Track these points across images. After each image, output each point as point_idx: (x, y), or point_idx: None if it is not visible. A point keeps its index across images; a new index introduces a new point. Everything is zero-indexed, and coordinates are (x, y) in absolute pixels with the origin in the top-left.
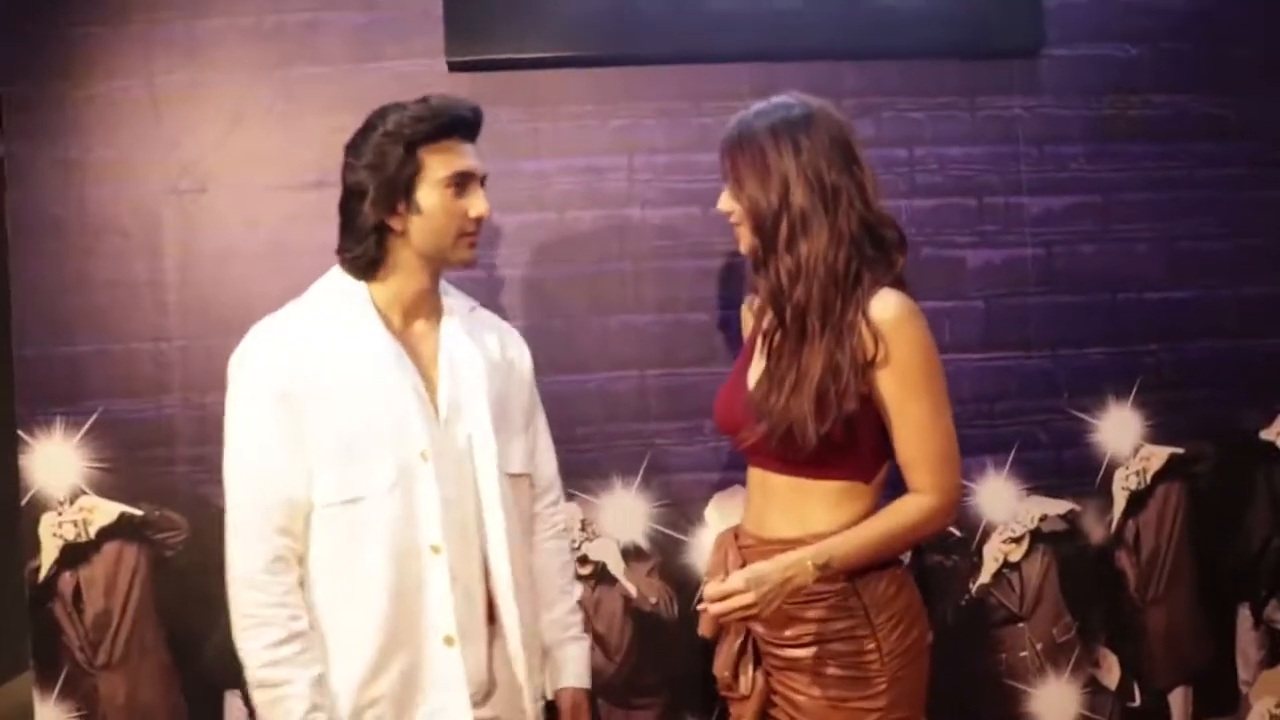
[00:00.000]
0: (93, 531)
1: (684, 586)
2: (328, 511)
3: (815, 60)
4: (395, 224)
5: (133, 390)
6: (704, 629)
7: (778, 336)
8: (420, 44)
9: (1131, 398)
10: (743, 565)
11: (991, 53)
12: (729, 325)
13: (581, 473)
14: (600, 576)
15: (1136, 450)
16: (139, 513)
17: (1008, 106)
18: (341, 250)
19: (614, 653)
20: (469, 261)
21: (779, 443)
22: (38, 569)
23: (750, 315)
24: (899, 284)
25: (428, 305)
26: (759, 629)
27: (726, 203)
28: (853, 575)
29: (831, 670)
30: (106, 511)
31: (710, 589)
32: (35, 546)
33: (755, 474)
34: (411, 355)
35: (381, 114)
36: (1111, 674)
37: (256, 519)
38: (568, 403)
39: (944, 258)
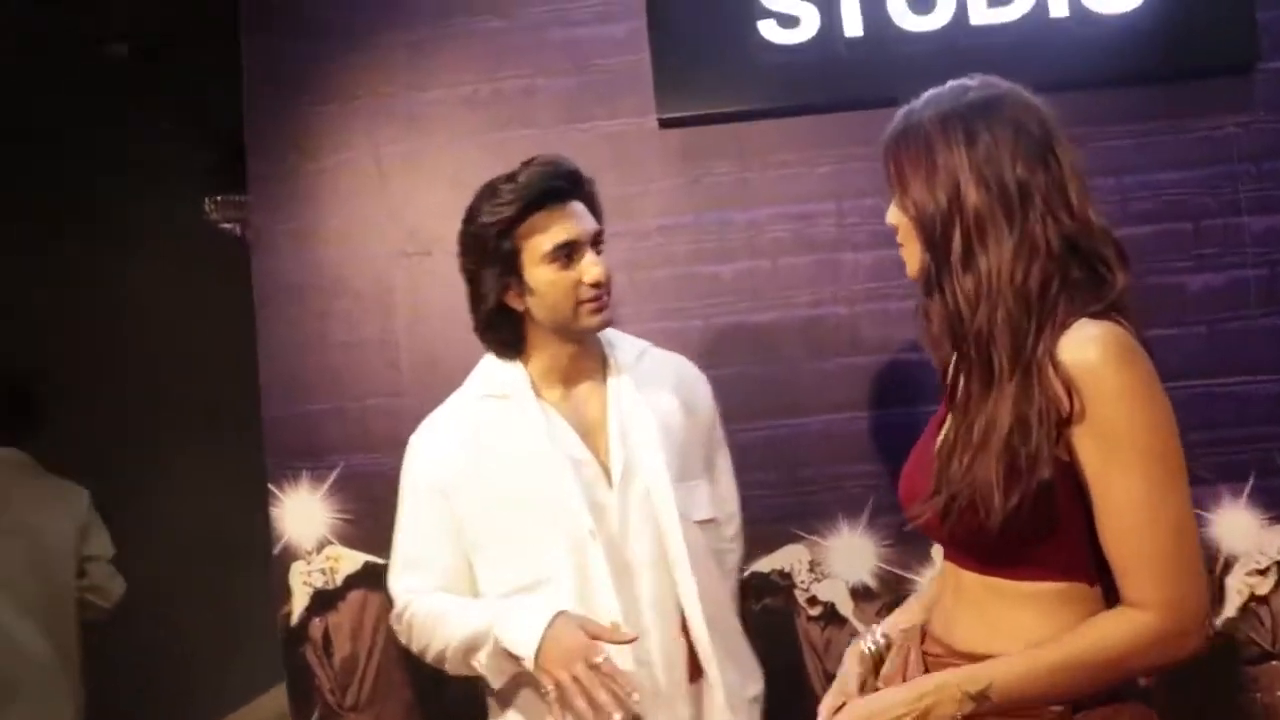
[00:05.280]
0: (339, 579)
1: None
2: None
3: None
4: (516, 304)
5: (370, 445)
6: None
7: (963, 381)
8: (629, 104)
9: None
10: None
11: (1201, 72)
12: None
13: (807, 514)
14: (829, 617)
15: None
16: (382, 561)
17: (1219, 126)
18: (477, 332)
19: None
20: (596, 327)
21: (958, 521)
22: (289, 614)
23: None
24: (1114, 314)
25: (588, 367)
26: None
27: (894, 215)
28: (1077, 704)
29: None
30: (352, 560)
31: (823, 711)
32: (286, 593)
33: (948, 568)
34: (576, 422)
35: (479, 197)
36: None
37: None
38: (789, 446)
39: (1162, 285)
